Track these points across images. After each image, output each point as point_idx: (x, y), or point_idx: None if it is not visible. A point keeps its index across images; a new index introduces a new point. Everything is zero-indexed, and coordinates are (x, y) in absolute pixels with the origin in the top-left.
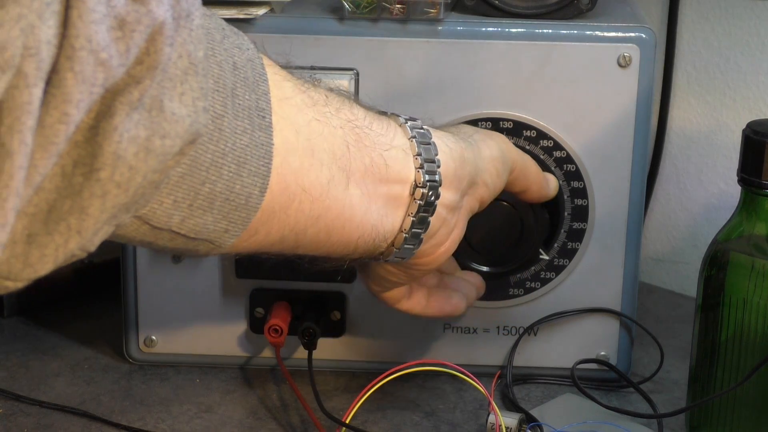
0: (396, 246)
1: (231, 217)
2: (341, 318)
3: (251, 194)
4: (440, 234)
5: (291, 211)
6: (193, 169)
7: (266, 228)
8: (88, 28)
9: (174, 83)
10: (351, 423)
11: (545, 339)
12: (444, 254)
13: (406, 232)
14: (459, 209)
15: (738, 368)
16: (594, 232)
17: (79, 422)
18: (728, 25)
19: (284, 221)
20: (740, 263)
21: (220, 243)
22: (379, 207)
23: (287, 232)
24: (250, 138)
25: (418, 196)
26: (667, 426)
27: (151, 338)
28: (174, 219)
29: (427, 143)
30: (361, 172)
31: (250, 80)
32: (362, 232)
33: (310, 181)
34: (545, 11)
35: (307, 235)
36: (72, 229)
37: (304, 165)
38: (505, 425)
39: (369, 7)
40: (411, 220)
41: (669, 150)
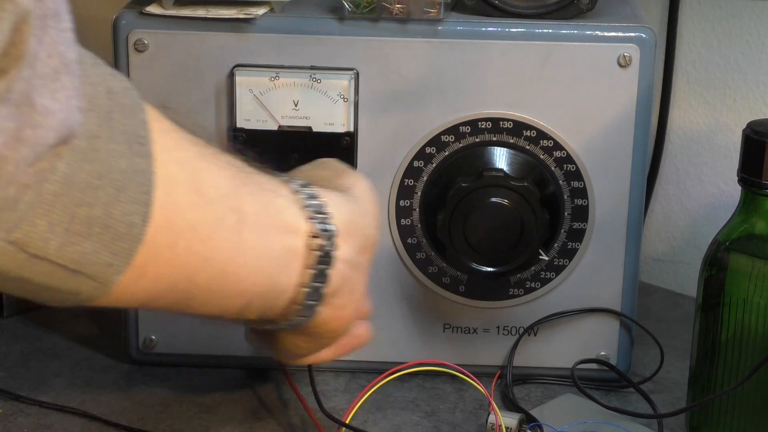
0: (297, 302)
1: (113, 247)
2: None
3: (133, 223)
4: (343, 294)
5: (179, 249)
6: (68, 189)
7: (154, 268)
8: None
9: (44, 81)
10: (351, 423)
11: (545, 339)
12: (351, 317)
13: (306, 286)
14: (359, 267)
15: (738, 368)
16: (594, 232)
17: (79, 422)
18: (728, 25)
19: (173, 262)
20: (740, 263)
21: (104, 280)
22: (276, 257)
23: (178, 277)
24: (129, 163)
25: (314, 246)
26: (667, 426)
27: (151, 338)
28: (51, 245)
29: (314, 198)
30: (254, 216)
31: (127, 107)
32: (256, 281)
33: (198, 217)
34: (545, 11)
35: (199, 282)
36: None
37: (189, 200)
38: (505, 425)
39: (369, 7)
40: (310, 272)
41: (669, 150)
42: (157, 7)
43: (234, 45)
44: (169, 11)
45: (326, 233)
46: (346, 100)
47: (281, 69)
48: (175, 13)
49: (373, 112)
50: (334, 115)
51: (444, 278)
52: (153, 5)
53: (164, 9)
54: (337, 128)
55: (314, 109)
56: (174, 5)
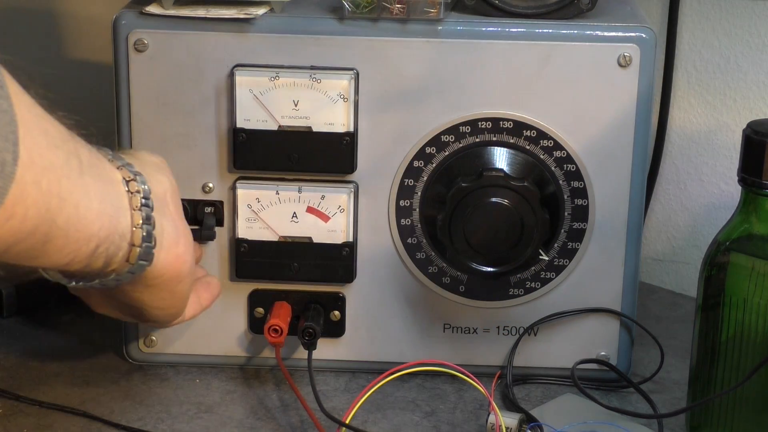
0: (136, 244)
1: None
2: (341, 318)
3: (5, 161)
4: (168, 232)
5: (43, 188)
6: None
7: (22, 208)
8: None
9: None
10: (351, 423)
11: (545, 339)
12: (185, 253)
13: (140, 227)
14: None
15: (738, 368)
16: (594, 232)
17: (79, 422)
18: (728, 25)
19: (38, 201)
20: (740, 263)
21: None
22: (111, 200)
23: (42, 218)
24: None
25: (134, 189)
26: (667, 426)
27: (151, 338)
28: None
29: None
30: (88, 161)
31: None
32: (102, 224)
33: (51, 158)
34: (545, 11)
35: (59, 223)
36: None
37: (42, 141)
38: (505, 425)
39: (369, 7)
40: (139, 214)
41: (669, 150)
42: (157, 7)
43: (234, 45)
44: (169, 11)
45: (139, 176)
46: (346, 100)
47: (281, 69)
48: (175, 13)
49: (373, 112)
50: (334, 115)
51: (444, 278)
52: (153, 5)
53: (164, 9)
54: (337, 128)
55: (314, 109)
56: (174, 5)
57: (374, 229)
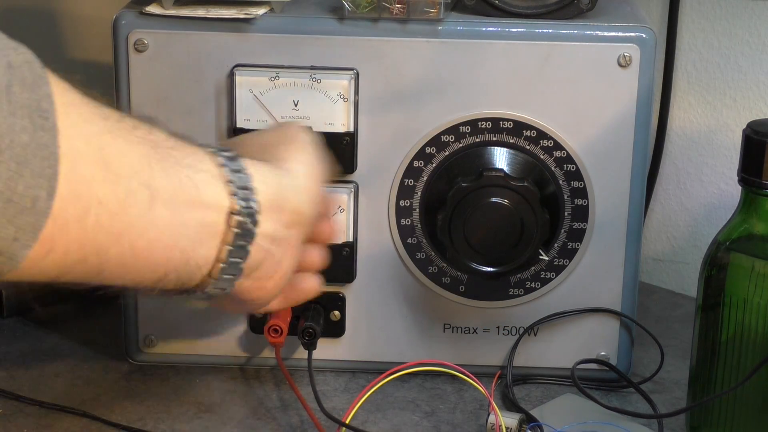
0: (213, 277)
1: (18, 222)
2: (341, 318)
3: (38, 197)
4: (266, 267)
5: (88, 224)
6: None
7: (63, 242)
8: None
9: None
10: (351, 423)
11: (545, 339)
12: (275, 288)
13: (224, 261)
14: (285, 240)
15: (738, 368)
16: (594, 232)
17: (79, 422)
18: (728, 25)
19: (82, 236)
20: (740, 263)
21: (11, 254)
22: (191, 233)
23: (88, 251)
24: (31, 137)
25: (234, 224)
26: (667, 426)
27: (151, 338)
28: None
29: (239, 171)
30: (168, 192)
31: (28, 80)
32: (170, 256)
33: (105, 193)
34: (545, 11)
35: (110, 256)
36: None
37: (97, 175)
38: (505, 425)
39: (369, 7)
40: (228, 249)
41: (669, 150)
42: (157, 7)
43: (234, 45)
44: (169, 11)
45: (247, 210)
46: (346, 100)
47: (281, 69)
48: (175, 13)
49: (373, 112)
50: (334, 115)
51: (444, 278)
52: (153, 5)
53: (164, 9)
54: (337, 128)
55: (314, 109)
56: (174, 5)
57: (374, 229)
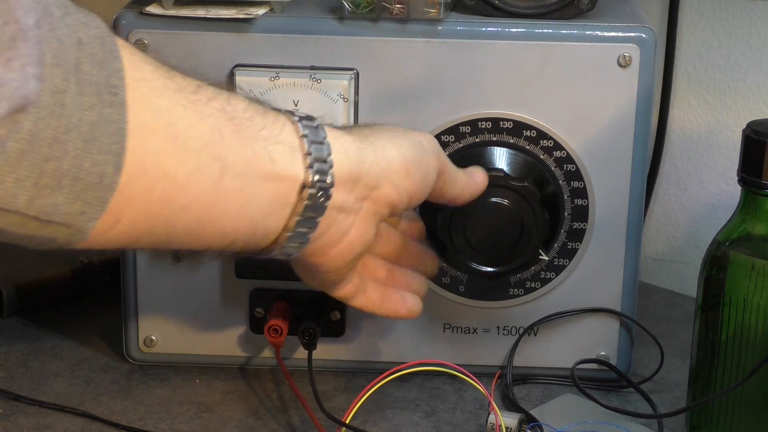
0: (279, 244)
1: (85, 197)
2: (341, 318)
3: (105, 172)
4: (331, 234)
5: (155, 197)
6: (33, 145)
7: (130, 215)
8: None
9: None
10: (351, 423)
11: (545, 339)
12: (338, 257)
13: (291, 230)
14: (355, 212)
15: (738, 368)
16: (594, 232)
17: (79, 422)
18: (728, 25)
19: (149, 209)
20: (740, 263)
21: (78, 227)
22: (262, 204)
23: (155, 223)
24: (99, 114)
25: (305, 196)
26: (667, 426)
27: (151, 338)
28: (20, 199)
29: (320, 142)
30: (241, 164)
31: (98, 56)
32: (239, 225)
33: (173, 167)
34: (545, 11)
35: (177, 227)
36: None
37: (165, 149)
38: (505, 425)
39: (369, 7)
40: (297, 219)
41: (669, 150)
42: (157, 7)
43: (234, 45)
44: (169, 11)
45: (321, 183)
46: (346, 100)
47: (281, 69)
48: (175, 13)
49: (373, 112)
50: (334, 115)
51: (444, 278)
52: (153, 5)
53: (164, 9)
54: None
55: (314, 109)
56: (174, 5)
57: None
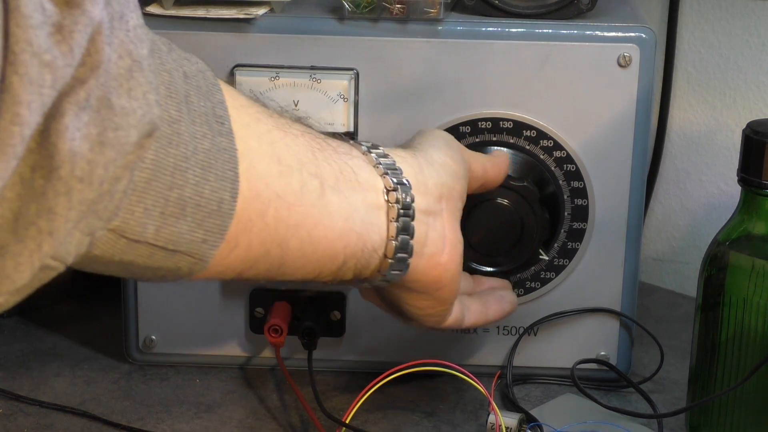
0: (389, 256)
1: (206, 224)
2: (341, 318)
3: (222, 199)
4: (431, 240)
5: (269, 219)
6: (158, 174)
7: (246, 238)
8: (26, 33)
9: (119, 81)
10: (351, 423)
11: (545, 339)
12: (450, 261)
13: (394, 239)
14: (439, 213)
15: (738, 368)
16: (594, 232)
17: (79, 422)
18: (728, 25)
19: (264, 231)
20: (740, 263)
21: (200, 256)
22: (361, 215)
23: (270, 245)
24: (212, 143)
25: (393, 199)
26: (667, 426)
27: (151, 338)
28: (149, 229)
29: (383, 156)
30: (333, 178)
31: (203, 89)
32: (347, 242)
33: (282, 186)
34: (545, 11)
35: (290, 248)
36: (43, 232)
37: (272, 170)
38: (505, 425)
39: (369, 7)
40: (395, 225)
41: (669, 150)
42: (157, 7)
43: (234, 45)
44: (169, 11)
45: (402, 186)
46: (346, 100)
47: (281, 69)
48: (175, 13)
49: (373, 112)
50: (334, 115)
51: None
52: (153, 5)
53: (164, 9)
54: (337, 128)
55: (314, 109)
56: (174, 5)
57: None
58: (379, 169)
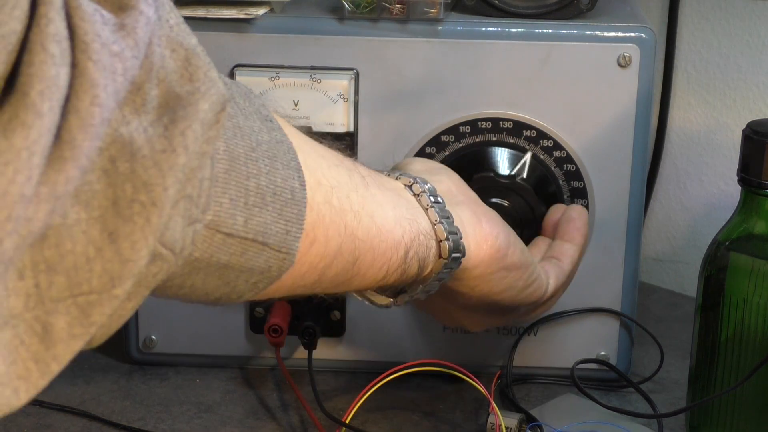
0: (441, 238)
1: (285, 214)
2: (341, 318)
3: (294, 188)
4: (466, 220)
5: (335, 206)
6: (233, 164)
7: (322, 230)
8: (93, 26)
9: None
10: (351, 423)
11: (545, 339)
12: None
13: (438, 222)
14: (461, 202)
15: (738, 368)
16: (594, 232)
17: (79, 422)
18: (728, 25)
19: (334, 222)
20: (740, 263)
21: (287, 248)
22: (403, 204)
23: (343, 238)
24: (269, 135)
25: (417, 191)
26: (667, 426)
27: (151, 338)
28: (238, 220)
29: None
30: (368, 175)
31: (243, 92)
32: (404, 229)
33: (335, 176)
34: (545, 11)
35: (360, 237)
36: (146, 204)
37: (322, 164)
38: (505, 425)
39: (369, 7)
40: (433, 211)
41: (669, 150)
42: None
43: (234, 45)
44: None
45: (419, 179)
46: (346, 100)
47: (281, 69)
48: None
49: (373, 112)
50: (334, 115)
51: None
52: None
53: None
54: (337, 128)
55: (314, 109)
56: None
57: None
58: (391, 174)
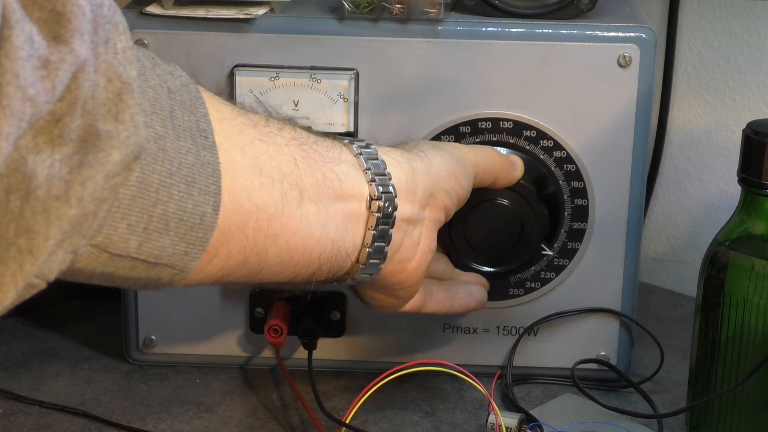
0: (361, 262)
1: (188, 238)
2: (341, 318)
3: (205, 213)
4: (405, 248)
5: (249, 230)
6: (143, 191)
7: (226, 249)
8: (15, 65)
9: (108, 107)
10: (351, 423)
11: (545, 339)
12: (417, 269)
13: (369, 246)
14: (420, 222)
15: (738, 368)
16: (594, 232)
17: (79, 422)
18: (728, 25)
19: (244, 242)
20: (740, 263)
21: (182, 267)
22: (338, 223)
23: (249, 254)
24: (195, 157)
25: (375, 208)
26: (667, 426)
27: (151, 338)
28: (131, 244)
29: (375, 158)
30: (314, 188)
31: (187, 103)
32: (323, 249)
33: (263, 198)
34: (545, 11)
35: (268, 256)
36: (23, 251)
37: (254, 183)
38: (505, 425)
39: (369, 7)
40: (372, 233)
41: (669, 150)
42: (157, 7)
43: (234, 45)
44: (169, 11)
45: (387, 195)
46: (346, 100)
47: (281, 69)
48: (175, 13)
49: (373, 112)
50: (334, 115)
51: None
52: (153, 5)
53: (164, 9)
54: (337, 128)
55: (314, 109)
56: (174, 5)
57: None
58: (367, 175)
